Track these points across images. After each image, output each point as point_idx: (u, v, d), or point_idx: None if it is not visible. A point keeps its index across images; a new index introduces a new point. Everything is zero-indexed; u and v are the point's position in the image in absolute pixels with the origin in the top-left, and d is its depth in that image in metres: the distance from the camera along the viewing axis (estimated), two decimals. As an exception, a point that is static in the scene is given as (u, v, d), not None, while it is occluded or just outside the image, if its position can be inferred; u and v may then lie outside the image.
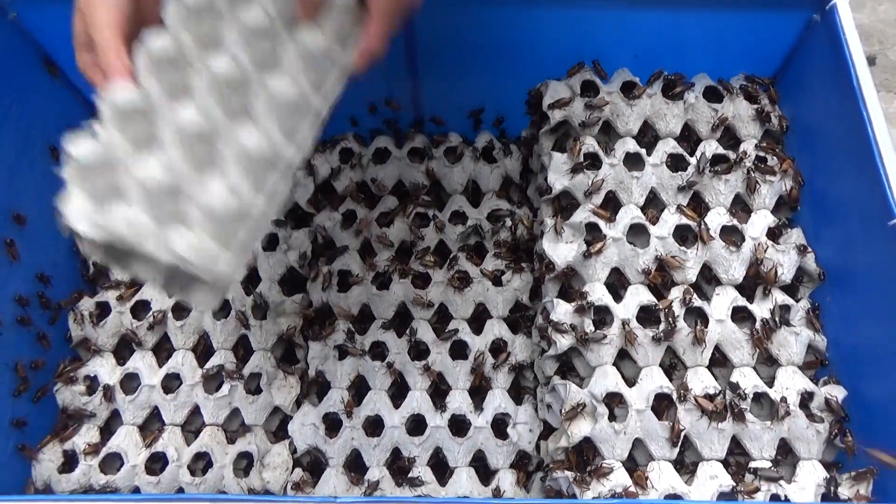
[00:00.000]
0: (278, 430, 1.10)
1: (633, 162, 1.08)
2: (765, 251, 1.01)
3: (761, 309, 1.00)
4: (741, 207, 1.08)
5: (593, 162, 1.07)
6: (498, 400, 1.07)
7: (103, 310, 1.14)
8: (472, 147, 1.26)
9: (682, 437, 0.91)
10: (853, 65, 0.95)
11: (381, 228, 1.20)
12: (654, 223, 1.04)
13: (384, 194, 1.24)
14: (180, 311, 1.14)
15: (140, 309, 1.14)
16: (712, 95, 1.12)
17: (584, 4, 1.09)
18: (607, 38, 1.13)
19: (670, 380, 0.96)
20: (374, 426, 1.06)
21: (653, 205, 1.08)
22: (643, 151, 1.08)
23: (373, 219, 1.20)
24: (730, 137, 1.12)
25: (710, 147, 1.08)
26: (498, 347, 1.11)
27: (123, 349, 1.14)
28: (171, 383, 1.10)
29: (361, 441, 1.04)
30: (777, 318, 0.98)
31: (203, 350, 1.13)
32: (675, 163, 1.08)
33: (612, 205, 1.06)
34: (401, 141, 1.28)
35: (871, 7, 2.30)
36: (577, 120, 1.07)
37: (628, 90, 1.10)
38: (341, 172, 1.23)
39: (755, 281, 1.02)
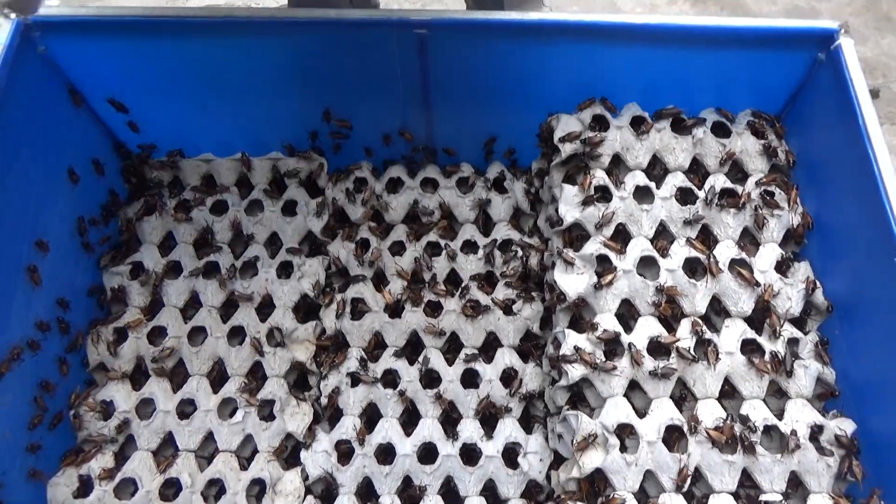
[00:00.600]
0: (290, 456, 1.11)
1: (642, 195, 1.10)
2: (774, 292, 1.02)
3: (770, 342, 1.01)
4: (749, 240, 1.10)
5: (604, 194, 1.09)
6: (509, 429, 1.08)
7: (120, 335, 1.16)
8: (483, 177, 1.28)
9: (690, 476, 0.91)
10: (858, 104, 0.97)
11: (394, 257, 1.22)
12: (663, 255, 1.05)
13: (397, 223, 1.26)
14: (196, 337, 1.16)
15: (156, 335, 1.16)
16: (720, 130, 1.14)
17: (594, 40, 1.12)
18: (617, 72, 1.15)
19: (680, 411, 0.97)
20: (386, 454, 1.07)
21: (662, 237, 1.09)
22: (653, 185, 1.10)
23: (385, 248, 1.22)
24: (737, 171, 1.14)
25: (719, 181, 1.10)
26: (509, 376, 1.12)
27: (139, 374, 1.15)
28: (186, 409, 1.11)
29: (373, 469, 1.05)
30: (788, 365, 0.99)
31: (217, 376, 1.14)
32: (684, 196, 1.10)
33: (622, 237, 1.08)
34: (414, 170, 1.31)
35: (875, 40, 2.34)
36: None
37: (638, 124, 1.13)
38: (355, 201, 1.26)
39: (763, 314, 1.04)
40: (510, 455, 1.07)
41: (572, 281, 1.04)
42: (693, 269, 1.06)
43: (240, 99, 1.21)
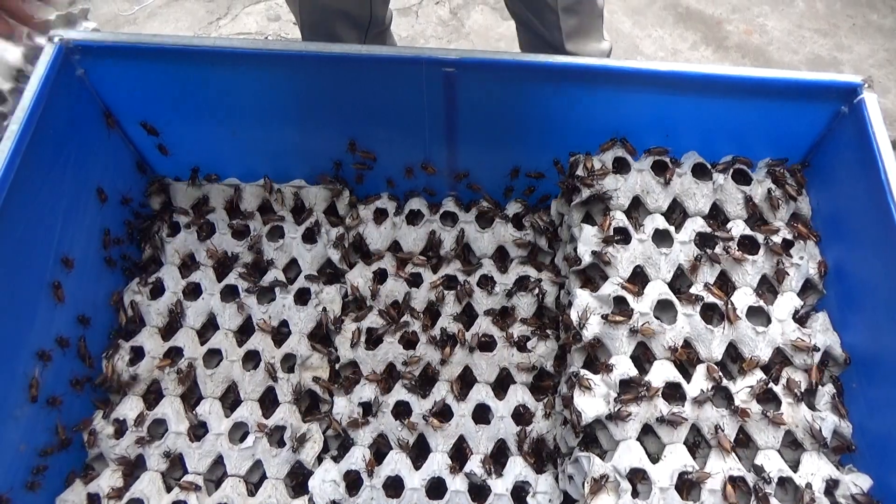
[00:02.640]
0: (298, 485, 1.10)
1: (661, 238, 1.10)
2: (792, 341, 1.02)
3: (786, 393, 1.00)
4: (767, 288, 1.09)
5: (623, 236, 1.10)
6: (519, 467, 1.07)
7: (137, 354, 1.17)
8: (503, 213, 1.29)
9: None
10: (881, 157, 0.98)
11: (411, 289, 1.22)
12: (681, 300, 1.05)
13: (415, 255, 1.27)
14: (211, 359, 1.17)
15: (173, 355, 1.17)
16: (740, 177, 1.15)
17: (616, 85, 1.13)
18: (639, 116, 1.16)
19: (693, 458, 0.96)
20: (394, 486, 1.06)
21: (680, 281, 1.09)
22: (672, 229, 1.10)
23: (403, 279, 1.23)
24: (757, 218, 1.14)
25: (738, 227, 1.11)
26: (520, 413, 1.12)
27: (152, 394, 1.16)
28: (197, 431, 1.11)
29: (381, 501, 1.04)
30: (819, 438, 0.97)
31: (231, 400, 1.15)
32: (703, 241, 1.10)
33: (639, 279, 1.08)
34: (434, 203, 1.32)
35: (896, 93, 2.35)
36: (608, 194, 1.11)
37: (659, 168, 1.14)
38: (374, 231, 1.27)
39: (780, 363, 1.03)
40: (519, 493, 1.06)
41: (588, 321, 1.04)
42: (710, 314, 1.06)
43: (268, 127, 1.23)
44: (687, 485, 0.94)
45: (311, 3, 1.50)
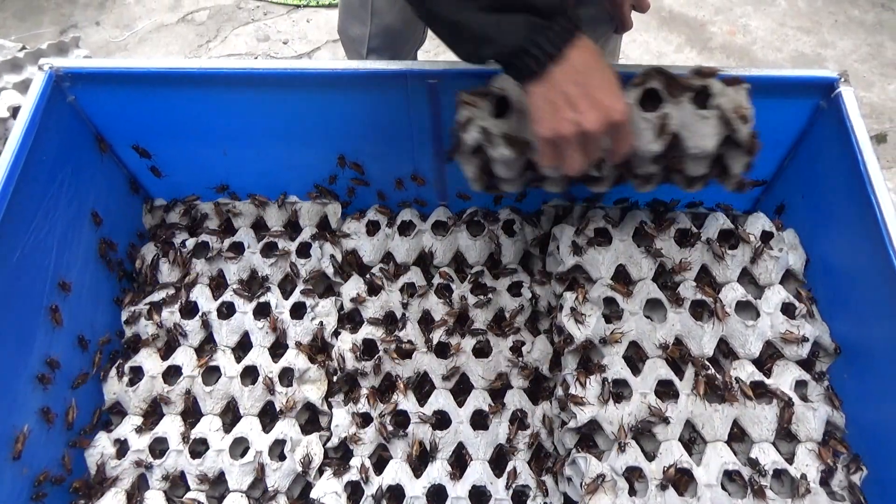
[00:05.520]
0: (301, 496, 1.11)
1: (641, 237, 1.11)
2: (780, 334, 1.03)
3: (778, 384, 1.01)
4: (752, 281, 1.11)
5: (607, 238, 1.11)
6: (518, 471, 1.07)
7: (136, 374, 1.18)
8: (493, 220, 1.31)
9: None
10: (859, 150, 0.99)
11: (405, 298, 1.24)
12: (670, 299, 1.07)
13: (408, 265, 1.28)
14: (209, 376, 1.18)
15: (172, 374, 1.18)
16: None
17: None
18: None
19: (690, 454, 0.97)
20: (396, 495, 1.07)
21: (664, 277, 1.11)
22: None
23: (396, 289, 1.24)
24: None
25: (718, 222, 1.12)
26: (518, 418, 1.13)
27: (153, 413, 1.17)
28: (198, 448, 1.12)
29: (382, 511, 1.05)
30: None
31: (231, 416, 1.16)
32: (682, 238, 1.12)
33: (624, 278, 1.10)
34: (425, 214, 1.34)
35: (881, 86, 2.38)
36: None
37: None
38: (367, 243, 1.28)
39: (771, 355, 1.04)
40: (520, 497, 1.07)
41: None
42: (700, 311, 1.07)
43: (258, 145, 1.25)
44: (684, 480, 0.95)
45: (382, 37, 1.52)
